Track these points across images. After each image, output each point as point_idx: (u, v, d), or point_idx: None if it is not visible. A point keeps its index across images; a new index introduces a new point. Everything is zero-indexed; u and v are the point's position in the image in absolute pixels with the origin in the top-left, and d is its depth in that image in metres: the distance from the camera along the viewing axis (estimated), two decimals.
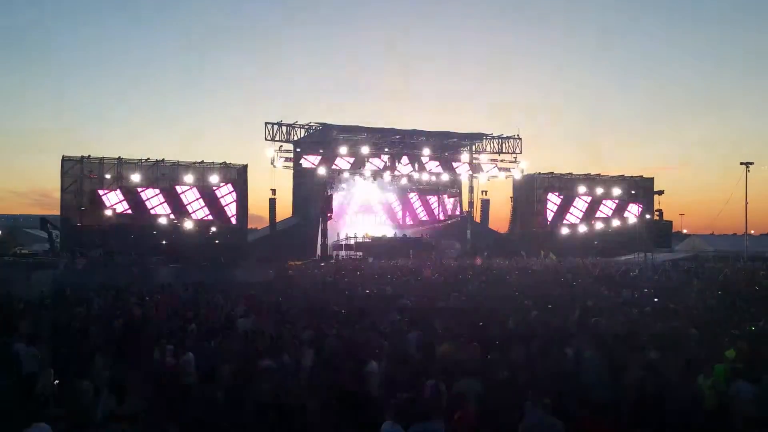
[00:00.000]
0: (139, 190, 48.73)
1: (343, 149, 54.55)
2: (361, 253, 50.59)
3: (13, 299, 22.00)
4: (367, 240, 55.84)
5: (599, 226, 61.02)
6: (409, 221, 62.14)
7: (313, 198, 55.07)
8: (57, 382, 10.44)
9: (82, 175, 47.01)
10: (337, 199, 57.65)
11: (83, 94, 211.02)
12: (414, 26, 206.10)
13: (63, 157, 46.82)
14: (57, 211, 48.52)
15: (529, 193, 62.40)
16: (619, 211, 63.30)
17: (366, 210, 61.02)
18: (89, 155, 47.22)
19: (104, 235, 46.01)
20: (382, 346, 12.58)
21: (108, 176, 47.93)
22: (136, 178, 48.71)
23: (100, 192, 47.58)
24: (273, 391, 9.93)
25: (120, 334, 14.88)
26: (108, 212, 47.85)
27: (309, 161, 54.60)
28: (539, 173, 63.01)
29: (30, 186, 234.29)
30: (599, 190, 63.68)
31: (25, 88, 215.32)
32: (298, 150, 55.60)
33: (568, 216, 62.83)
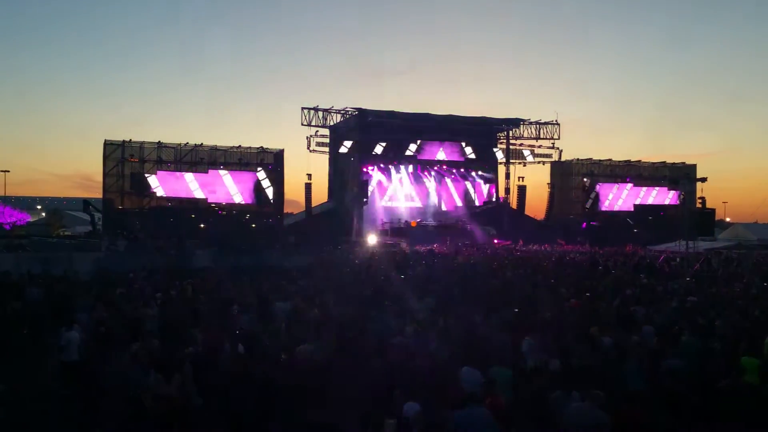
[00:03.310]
0: (178, 174, 49.45)
1: (378, 134, 54.49)
2: (396, 238, 50.56)
3: (69, 280, 22.78)
4: (402, 225, 55.81)
5: (639, 213, 59.93)
6: (444, 207, 61.80)
7: (348, 183, 55.23)
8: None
9: (123, 159, 47.89)
10: (373, 184, 57.67)
11: (125, 78, 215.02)
12: (451, 10, 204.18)
13: (105, 141, 47.75)
14: (99, 194, 49.58)
15: (567, 179, 61.48)
16: (660, 198, 62.06)
17: (401, 195, 60.86)
18: (130, 139, 48.07)
19: (144, 218, 46.91)
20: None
21: (148, 160, 48.73)
22: (175, 162, 49.43)
23: (141, 175, 48.42)
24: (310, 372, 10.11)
25: (160, 315, 15.18)
26: (148, 196, 48.73)
27: (345, 146, 54.70)
28: (578, 159, 62.03)
29: (73, 169, 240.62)
30: (640, 177, 62.47)
31: (68, 73, 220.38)
32: (334, 135, 55.82)
33: (606, 203, 61.80)
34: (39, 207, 71.79)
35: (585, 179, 61.53)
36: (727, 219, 75.70)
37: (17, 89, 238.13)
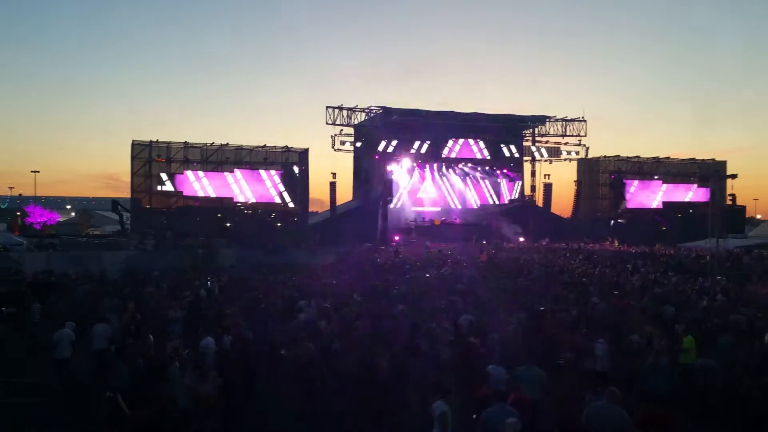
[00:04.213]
0: (204, 173, 49.91)
1: (403, 133, 54.40)
2: (421, 237, 50.47)
3: (106, 279, 23.36)
4: (427, 224, 55.68)
5: (668, 211, 59.04)
6: (469, 205, 61.50)
7: (373, 182, 55.22)
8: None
9: (150, 159, 48.45)
10: (398, 182, 57.57)
11: (152, 80, 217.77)
12: (475, 8, 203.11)
13: (133, 141, 48.33)
14: (128, 194, 50.23)
15: (594, 176, 60.72)
16: (690, 195, 61.06)
17: (425, 194, 60.72)
18: (157, 140, 48.59)
19: (171, 218, 47.41)
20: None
21: (175, 160, 49.24)
22: (201, 162, 49.89)
23: (168, 175, 48.96)
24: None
25: (187, 314, 15.35)
26: (174, 195, 49.25)
27: (369, 145, 54.71)
28: (605, 156, 61.22)
29: (101, 169, 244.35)
30: (668, 174, 61.51)
31: (96, 76, 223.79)
32: (359, 133, 55.86)
33: (635, 200, 60.96)
34: (69, 207, 72.96)
35: (612, 176, 60.73)
36: (758, 216, 74.30)
37: (47, 92, 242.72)
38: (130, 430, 7.96)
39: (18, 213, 60.87)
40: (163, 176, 48.87)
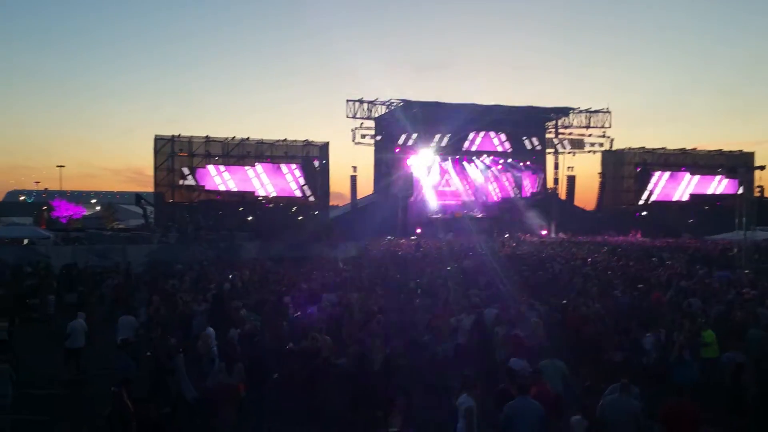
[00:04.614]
0: (226, 167, 50.23)
1: (424, 126, 54.15)
2: (442, 230, 50.23)
3: (132, 272, 23.74)
4: (448, 217, 55.40)
5: (695, 203, 58.11)
6: (490, 198, 61.04)
7: (393, 175, 55.07)
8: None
9: (173, 154, 48.84)
10: (418, 175, 57.35)
11: (175, 75, 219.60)
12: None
13: (155, 136, 48.76)
14: (151, 188, 50.71)
15: (619, 168, 59.95)
16: (717, 187, 60.04)
17: (447, 187, 60.37)
18: (179, 134, 48.98)
19: (194, 211, 47.80)
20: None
21: (197, 154, 49.58)
22: (222, 156, 50.21)
23: (190, 170, 49.34)
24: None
25: (212, 307, 15.41)
26: (197, 189, 49.64)
27: (390, 138, 54.58)
28: (630, 148, 60.40)
29: (125, 164, 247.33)
30: (695, 166, 60.49)
31: (120, 72, 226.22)
32: (379, 127, 55.72)
33: (660, 192, 60.08)
34: (93, 201, 73.91)
35: (638, 168, 59.90)
36: None
37: (72, 88, 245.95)
38: (135, 425, 7.99)
39: (44, 207, 61.85)
40: (186, 170, 49.30)
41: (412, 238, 45.71)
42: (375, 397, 9.13)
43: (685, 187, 60.09)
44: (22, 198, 76.84)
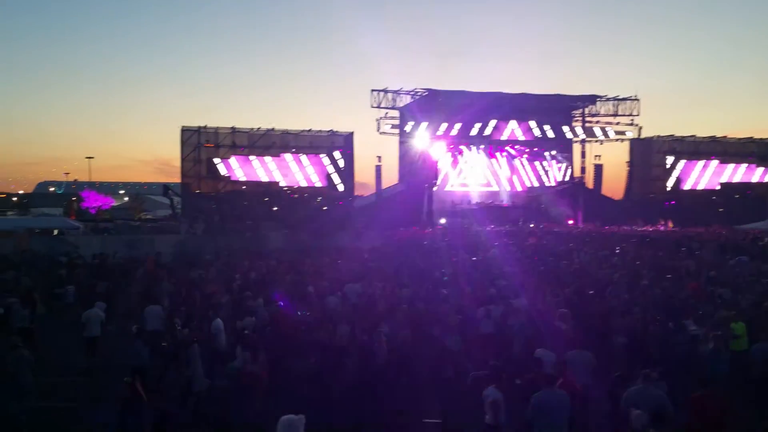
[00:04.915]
0: (251, 158, 50.52)
1: (449, 115, 53.81)
2: (467, 220, 50.00)
3: (160, 262, 24.15)
4: (474, 206, 55.10)
5: (725, 192, 57.03)
6: (517, 188, 60.50)
7: (418, 164, 54.86)
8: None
9: (199, 145, 49.22)
10: (443, 164, 57.10)
11: (201, 66, 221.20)
12: None
13: (182, 127, 49.13)
14: (178, 179, 51.21)
15: (647, 157, 58.92)
16: (747, 176, 58.84)
17: (472, 176, 59.99)
18: (206, 125, 49.29)
19: (220, 202, 48.21)
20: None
21: (223, 145, 49.92)
22: (248, 147, 50.47)
23: (216, 160, 49.73)
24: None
25: (238, 297, 15.54)
26: (223, 180, 50.02)
27: (415, 127, 54.35)
28: (658, 136, 59.36)
29: (153, 155, 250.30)
30: (725, 154, 59.29)
31: (147, 64, 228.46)
32: (404, 116, 55.51)
33: (689, 181, 59.04)
34: (122, 192, 74.98)
35: (666, 157, 58.89)
36: None
37: (101, 81, 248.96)
38: (147, 415, 8.06)
39: (74, 198, 62.87)
40: (212, 161, 49.65)
41: (437, 227, 45.58)
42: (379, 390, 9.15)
43: (715, 175, 58.97)
44: (52, 189, 78.17)
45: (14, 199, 72.28)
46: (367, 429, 9.37)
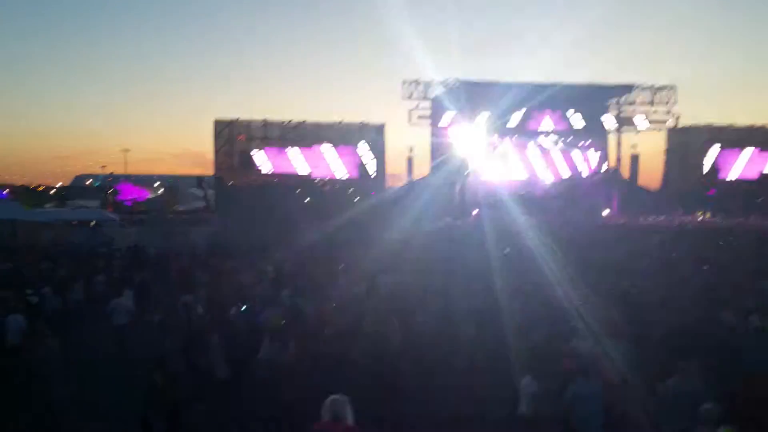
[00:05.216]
0: (284, 150, 50.81)
1: (481, 105, 53.35)
2: (500, 211, 49.53)
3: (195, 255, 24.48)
4: (506, 197, 54.55)
5: (764, 181, 55.55)
6: (551, 178, 59.73)
7: (450, 155, 54.57)
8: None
9: (232, 137, 49.64)
10: (476, 156, 56.64)
11: (233, 58, 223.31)
12: None
13: (215, 120, 49.61)
14: (211, 171, 51.74)
15: (686, 146, 57.61)
16: None
17: (506, 167, 59.39)
18: (238, 118, 49.68)
19: (253, 195, 48.61)
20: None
21: (255, 138, 50.27)
22: (280, 139, 50.79)
23: (248, 153, 50.11)
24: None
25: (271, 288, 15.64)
26: (255, 172, 50.41)
27: (447, 119, 54.03)
28: (696, 125, 57.99)
29: (186, 147, 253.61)
30: (766, 142, 57.65)
31: (181, 56, 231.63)
32: (436, 107, 55.21)
33: (729, 171, 57.63)
34: (156, 184, 75.97)
35: (705, 146, 57.52)
36: None
37: (135, 74, 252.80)
38: (166, 404, 8.09)
39: (110, 191, 64.08)
40: (247, 153, 50.06)
41: (470, 218, 45.31)
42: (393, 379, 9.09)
43: (755, 164, 57.44)
44: (89, 182, 79.54)
45: (52, 191, 73.82)
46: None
